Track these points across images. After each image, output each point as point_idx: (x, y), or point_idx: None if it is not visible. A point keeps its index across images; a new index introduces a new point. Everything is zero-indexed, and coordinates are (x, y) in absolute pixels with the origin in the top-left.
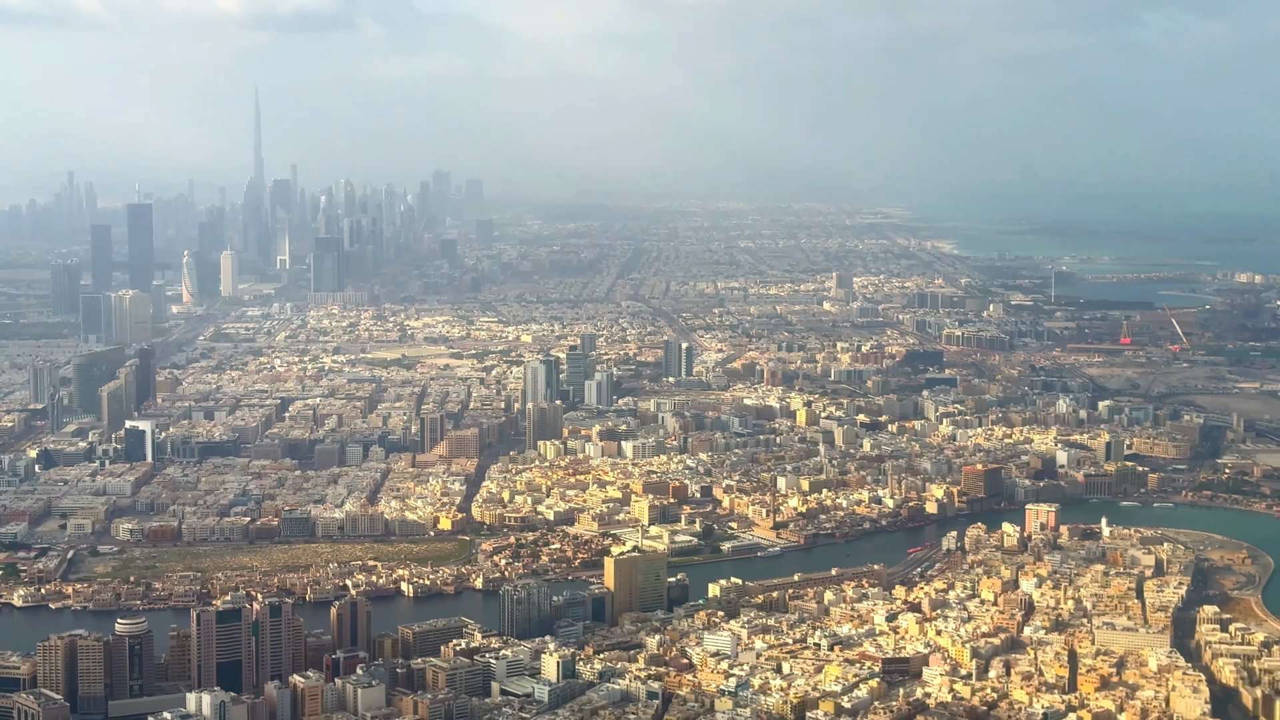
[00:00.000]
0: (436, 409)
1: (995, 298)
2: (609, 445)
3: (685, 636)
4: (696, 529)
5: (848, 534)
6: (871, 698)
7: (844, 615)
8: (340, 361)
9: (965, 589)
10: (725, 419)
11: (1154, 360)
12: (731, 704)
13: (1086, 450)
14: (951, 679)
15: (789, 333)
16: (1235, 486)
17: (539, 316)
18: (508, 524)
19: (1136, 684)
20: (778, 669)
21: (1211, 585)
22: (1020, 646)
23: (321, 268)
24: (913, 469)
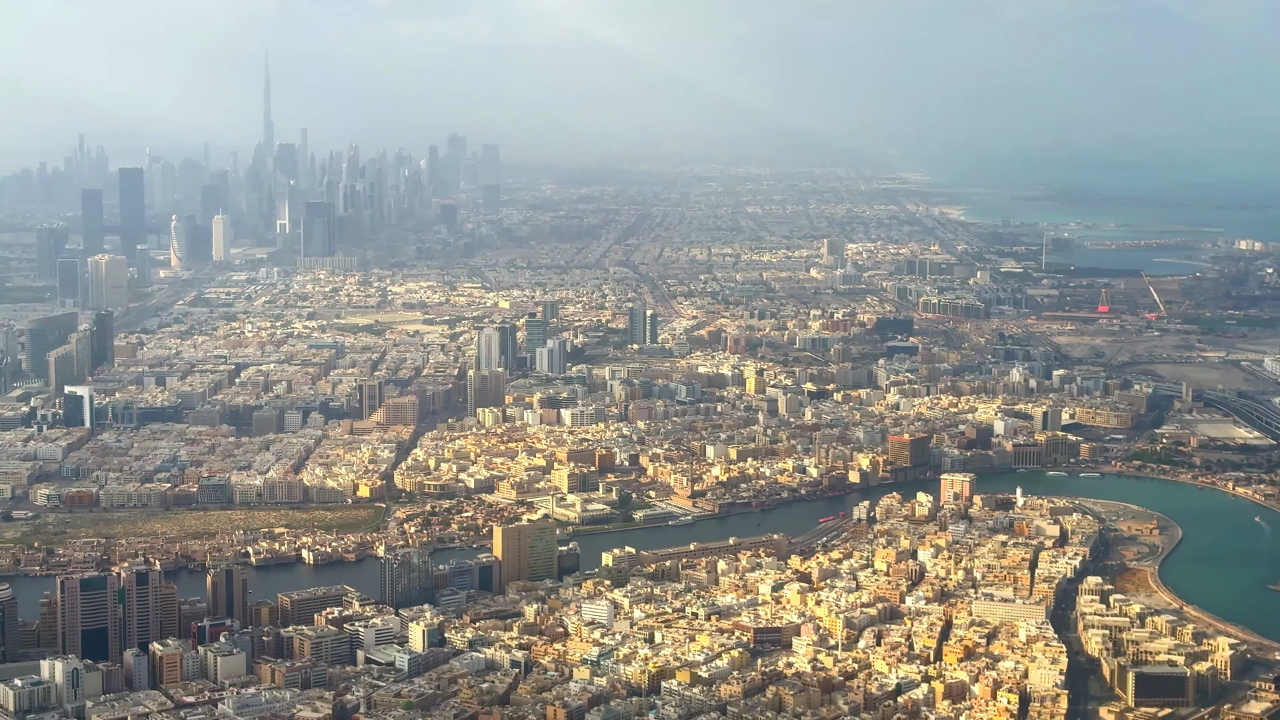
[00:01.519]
0: (389, 375)
1: (986, 265)
2: (548, 413)
3: (567, 605)
4: (612, 497)
5: (764, 503)
6: (731, 668)
7: (731, 585)
8: (311, 327)
9: (862, 559)
10: (673, 387)
11: (1127, 329)
12: (589, 673)
13: (1026, 420)
14: (817, 649)
15: (768, 299)
16: (1166, 457)
17: (524, 282)
18: (427, 491)
19: (1001, 655)
20: (649, 639)
21: (1111, 556)
22: (899, 617)
23: (312, 232)
24: (845, 438)
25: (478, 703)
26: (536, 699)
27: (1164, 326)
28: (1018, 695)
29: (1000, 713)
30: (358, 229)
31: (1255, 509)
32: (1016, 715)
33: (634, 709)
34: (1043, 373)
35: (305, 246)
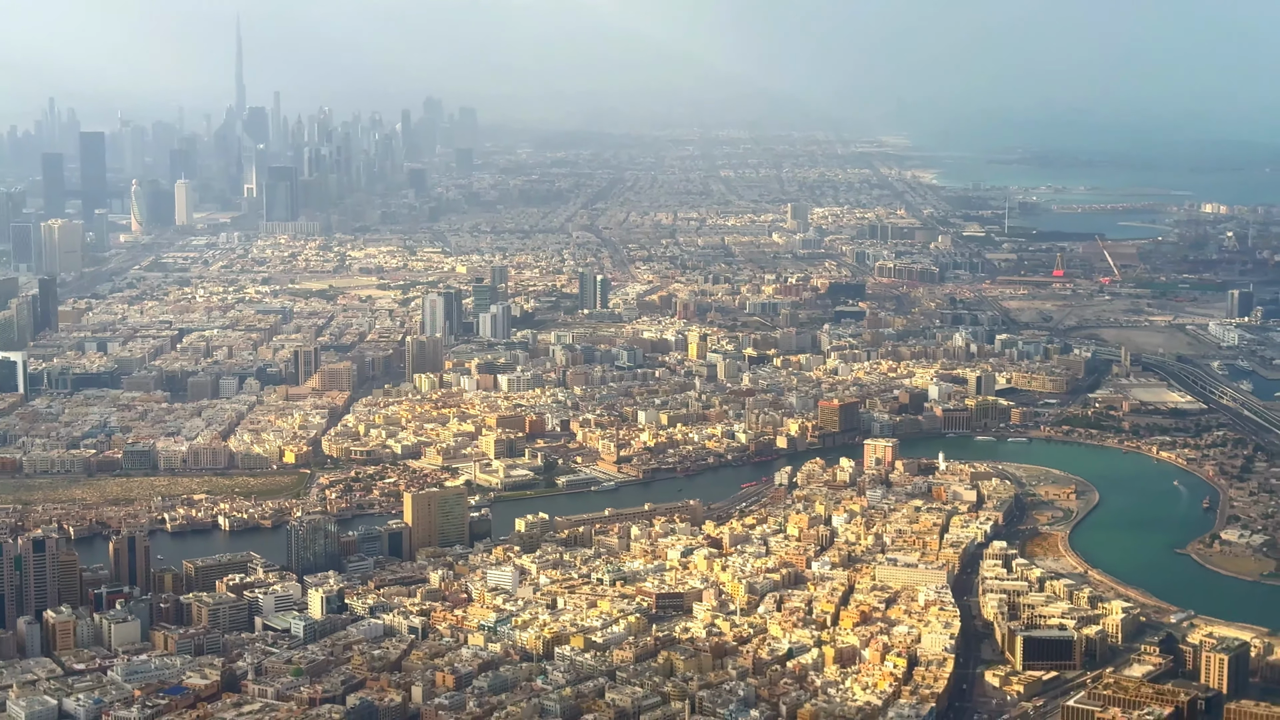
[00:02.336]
0: (333, 341)
1: (950, 229)
2: (485, 379)
3: (474, 571)
4: (537, 463)
5: (690, 469)
6: (627, 633)
7: (641, 551)
8: (263, 292)
9: (776, 524)
10: (615, 352)
11: (1079, 293)
12: (484, 639)
13: (961, 385)
14: (716, 614)
15: (726, 264)
16: (1095, 422)
17: (485, 247)
18: (353, 458)
19: (898, 620)
20: (551, 605)
21: (1025, 521)
22: (803, 582)
23: (275, 197)
24: (778, 404)
25: (368, 669)
26: (428, 665)
27: (1116, 291)
28: (906, 659)
29: (885, 676)
30: (323, 193)
31: (1177, 473)
32: (901, 679)
33: (524, 674)
34: (985, 337)
35: (268, 211)
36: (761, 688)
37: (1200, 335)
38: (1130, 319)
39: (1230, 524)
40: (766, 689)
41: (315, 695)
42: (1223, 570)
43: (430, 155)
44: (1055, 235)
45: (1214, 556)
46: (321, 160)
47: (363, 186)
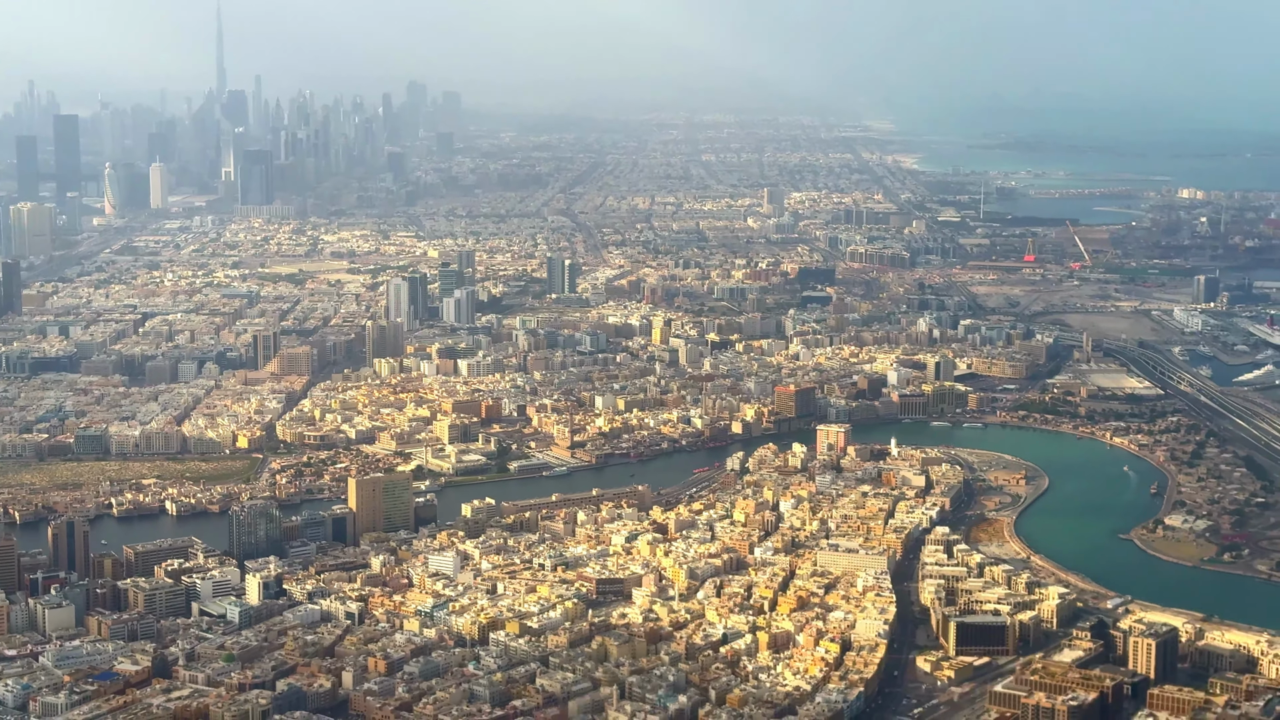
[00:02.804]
0: (296, 325)
1: (926, 214)
2: (445, 363)
3: (416, 557)
4: (490, 448)
5: (643, 454)
6: (563, 619)
7: (585, 536)
8: (232, 276)
9: (723, 510)
10: (578, 337)
11: (1048, 278)
12: (419, 625)
13: (921, 370)
14: (654, 600)
15: (699, 249)
16: (1051, 407)
17: (459, 231)
18: (307, 442)
19: (835, 605)
20: (492, 590)
21: (973, 506)
22: (744, 568)
23: (249, 181)
24: (736, 389)
25: (300, 654)
26: (361, 650)
27: (1085, 276)
28: (839, 645)
29: (816, 661)
30: (300, 177)
31: (1129, 459)
32: (832, 664)
33: (456, 660)
34: (949, 323)
35: (243, 195)
36: (693, 673)
37: (1165, 321)
38: (1097, 304)
39: (1176, 509)
40: (698, 674)
41: (245, 681)
42: (1164, 556)
43: (413, 139)
44: (1030, 220)
45: (1156, 542)
46: (298, 144)
47: (341, 170)
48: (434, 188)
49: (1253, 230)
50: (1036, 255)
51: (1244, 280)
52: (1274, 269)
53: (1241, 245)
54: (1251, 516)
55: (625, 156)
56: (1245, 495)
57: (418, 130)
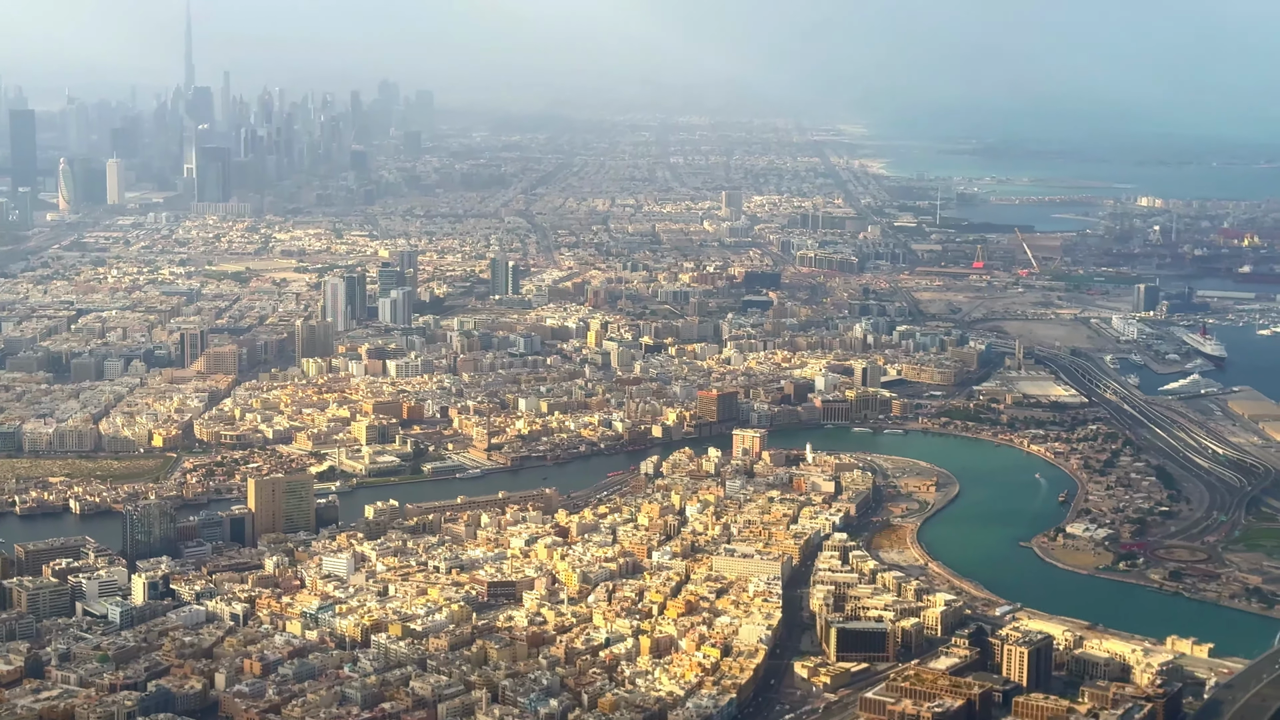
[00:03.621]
0: (231, 324)
1: (883, 219)
2: (374, 364)
3: (314, 558)
4: (406, 449)
5: (560, 457)
6: (449, 621)
7: (485, 539)
8: (178, 273)
9: (629, 514)
10: (513, 339)
11: (994, 285)
12: (300, 626)
13: (848, 376)
14: (543, 603)
15: (651, 251)
16: (974, 414)
17: (414, 231)
18: (223, 442)
19: (723, 610)
20: (383, 592)
21: (879, 513)
22: (640, 571)
23: (206, 178)
24: (661, 393)
25: (176, 655)
26: (239, 652)
27: (1031, 283)
28: (719, 650)
29: (693, 667)
30: (260, 174)
31: (1043, 467)
32: (709, 669)
33: (333, 662)
34: (885, 328)
35: (200, 192)
36: (569, 677)
37: (1102, 329)
38: (1038, 312)
39: (1080, 518)
40: (574, 678)
41: (116, 682)
42: (1060, 564)
43: (384, 138)
44: (986, 227)
45: (1055, 550)
46: (258, 141)
47: (305, 168)
48: (395, 187)
49: (1203, 239)
50: (986, 262)
51: (1185, 289)
52: (1220, 278)
53: (1189, 254)
54: (1153, 525)
55: (593, 158)
56: (1150, 504)
57: (389, 129)
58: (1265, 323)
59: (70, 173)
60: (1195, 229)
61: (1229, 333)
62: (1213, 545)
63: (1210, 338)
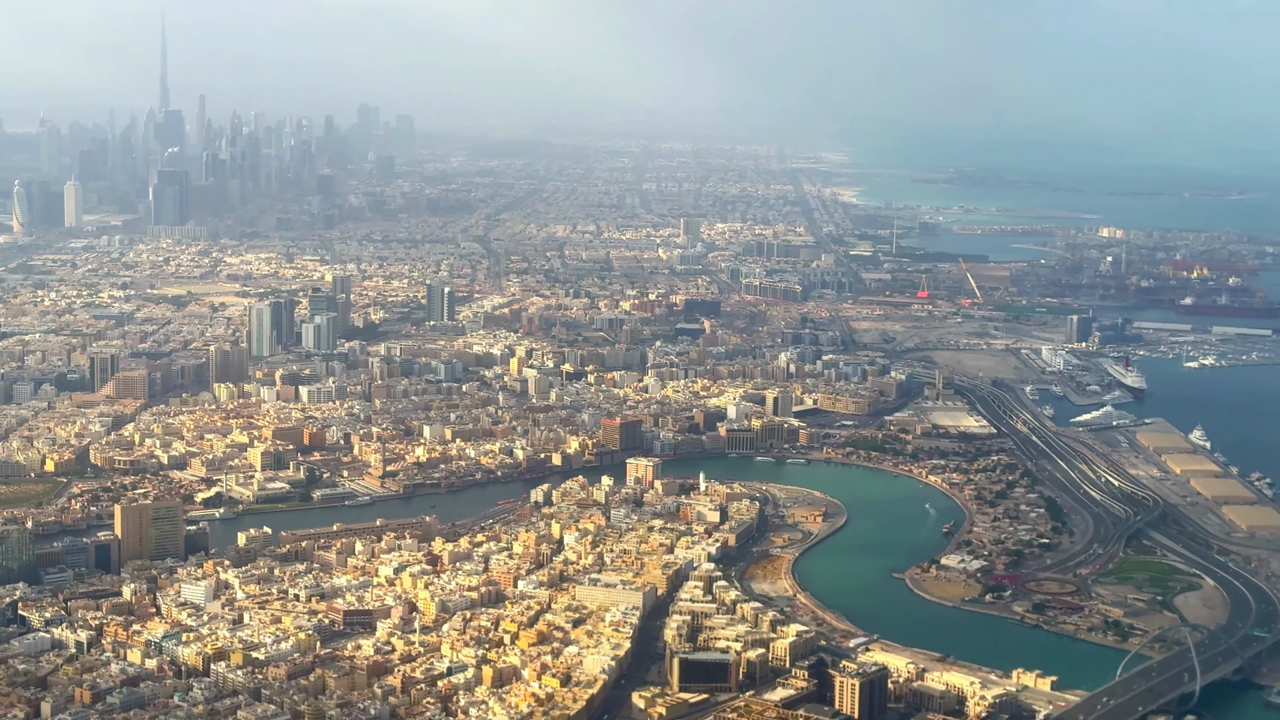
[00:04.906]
0: (155, 348)
1: (841, 247)
2: (286, 390)
3: (175, 585)
4: (299, 476)
5: (454, 484)
6: (294, 650)
7: (355, 566)
8: (117, 297)
9: (506, 542)
10: (434, 365)
11: (934, 315)
12: (140, 655)
13: (760, 406)
14: (394, 632)
15: (599, 278)
16: (879, 444)
17: (367, 256)
18: (117, 467)
19: (576, 640)
20: (238, 620)
21: (760, 543)
22: (503, 600)
23: (163, 201)
24: (570, 421)
25: (8, 684)
26: (74, 680)
27: (971, 313)
28: (559, 680)
29: (527, 697)
30: (222, 198)
31: (937, 497)
32: (542, 700)
33: (166, 691)
34: (811, 357)
35: (157, 215)
36: (401, 707)
37: (1031, 360)
38: (971, 342)
39: (959, 549)
40: (406, 708)
41: None
42: (928, 595)
43: (361, 162)
44: (941, 256)
45: (927, 582)
46: (220, 165)
47: (274, 192)
48: (359, 211)
49: (1152, 271)
50: (931, 292)
51: (1119, 320)
52: (1162, 309)
53: (1133, 286)
54: (1030, 558)
55: (566, 184)
56: (1032, 536)
57: (367, 153)
58: (1195, 355)
59: (26, 195)
60: (1150, 260)
61: (1158, 364)
62: (1084, 578)
63: (1132, 370)
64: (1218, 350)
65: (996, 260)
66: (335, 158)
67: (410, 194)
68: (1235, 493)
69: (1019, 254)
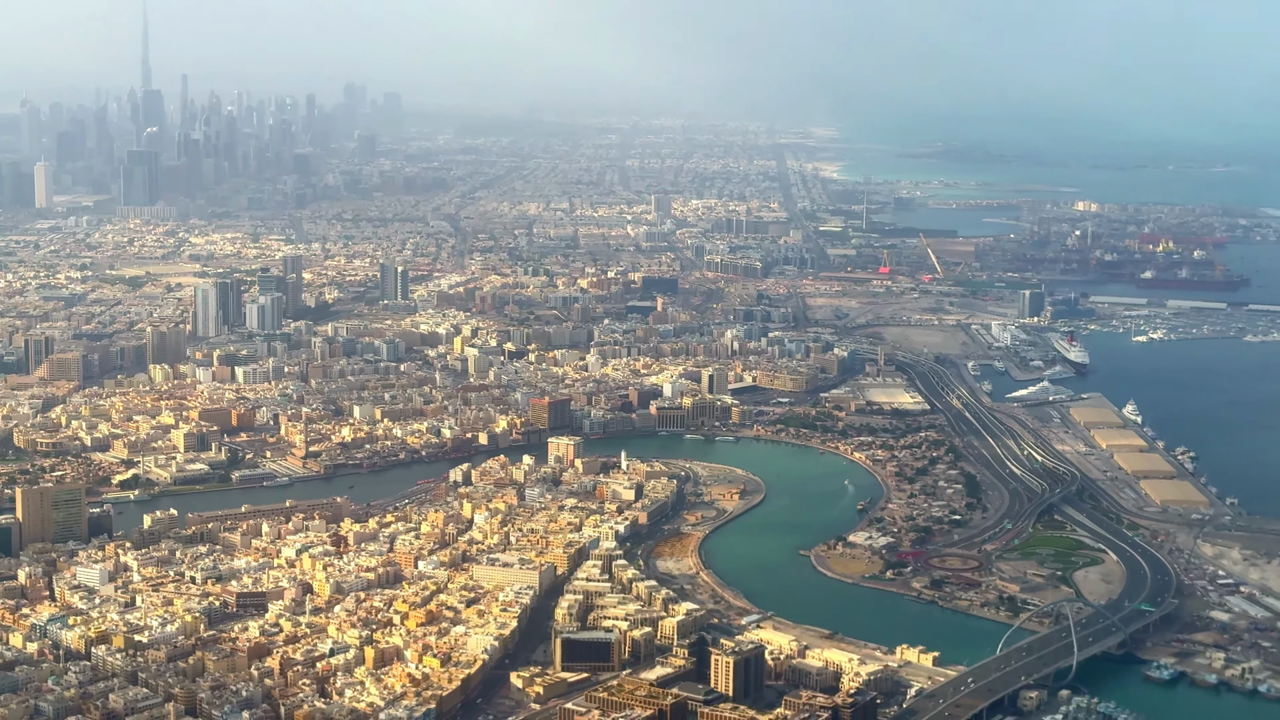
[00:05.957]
0: (100, 329)
1: (814, 223)
2: (222, 370)
3: (72, 568)
4: (221, 457)
5: (376, 464)
6: (179, 632)
7: (258, 548)
8: (74, 278)
9: (415, 522)
10: (377, 345)
11: (892, 290)
12: (22, 639)
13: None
14: (284, 614)
15: (563, 256)
16: (810, 422)
17: (334, 235)
18: (39, 449)
19: (466, 620)
20: (130, 603)
21: (673, 521)
22: (401, 581)
23: (131, 181)
24: (503, 400)
25: None
26: None
27: (929, 289)
28: (439, 660)
29: (402, 677)
30: (195, 178)
31: (861, 474)
32: (418, 681)
33: (41, 675)
34: (758, 334)
35: (125, 195)
36: (277, 689)
37: (979, 335)
38: (923, 318)
39: (869, 526)
40: (280, 690)
41: None
42: (830, 572)
43: (348, 140)
44: (910, 232)
45: (831, 559)
46: (192, 145)
47: (251, 171)
48: (334, 190)
49: (1117, 244)
50: (894, 267)
51: (1074, 295)
52: (1124, 284)
53: (1094, 260)
54: (938, 534)
55: (548, 161)
56: (945, 513)
57: (354, 131)
58: (1145, 329)
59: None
60: (1121, 234)
61: (1107, 339)
62: (989, 554)
63: (1076, 344)
64: (1170, 324)
65: (966, 235)
66: (318, 137)
67: (389, 173)
68: (1156, 467)
69: (991, 229)
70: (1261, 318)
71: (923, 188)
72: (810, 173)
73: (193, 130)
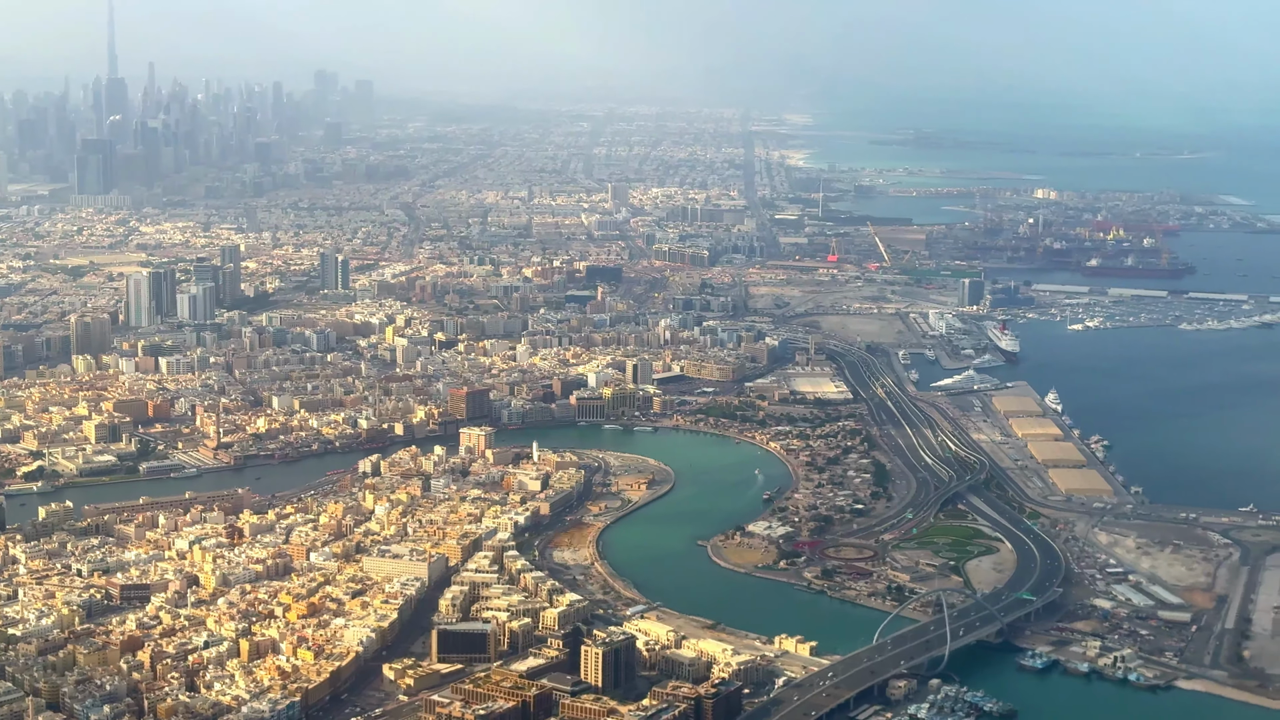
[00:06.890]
0: (29, 320)
1: (771, 211)
2: (146, 361)
3: None
4: (131, 448)
5: (288, 455)
6: (55, 626)
7: (151, 540)
8: (15, 268)
9: (315, 514)
10: (307, 335)
11: (837, 279)
12: None
13: (621, 373)
14: (164, 607)
15: (513, 245)
16: (730, 411)
17: (287, 224)
18: None
19: (349, 611)
20: (12, 595)
21: (577, 511)
22: (290, 573)
23: (85, 170)
24: (425, 390)
25: None
26: None
27: (874, 277)
28: (314, 652)
29: (271, 670)
30: (152, 166)
31: (773, 463)
32: (287, 673)
33: None
34: (692, 324)
35: (80, 184)
36: (144, 682)
37: (916, 324)
38: (863, 306)
39: (771, 515)
40: (148, 684)
41: None
42: (725, 563)
43: (314, 128)
44: (861, 219)
45: (727, 549)
46: (151, 133)
47: (213, 160)
48: (293, 179)
49: (1068, 232)
50: (842, 255)
51: (1014, 284)
52: (1070, 272)
53: (1040, 248)
54: (839, 523)
55: (515, 149)
56: (848, 502)
57: (324, 119)
58: (1081, 317)
59: None
60: (1075, 222)
61: (1042, 327)
62: (885, 543)
63: (1009, 333)
64: (1108, 312)
65: (921, 223)
66: (286, 124)
67: (351, 161)
68: (1067, 456)
69: (948, 216)
70: (1199, 306)
71: (885, 175)
72: (776, 161)
73: (151, 119)
